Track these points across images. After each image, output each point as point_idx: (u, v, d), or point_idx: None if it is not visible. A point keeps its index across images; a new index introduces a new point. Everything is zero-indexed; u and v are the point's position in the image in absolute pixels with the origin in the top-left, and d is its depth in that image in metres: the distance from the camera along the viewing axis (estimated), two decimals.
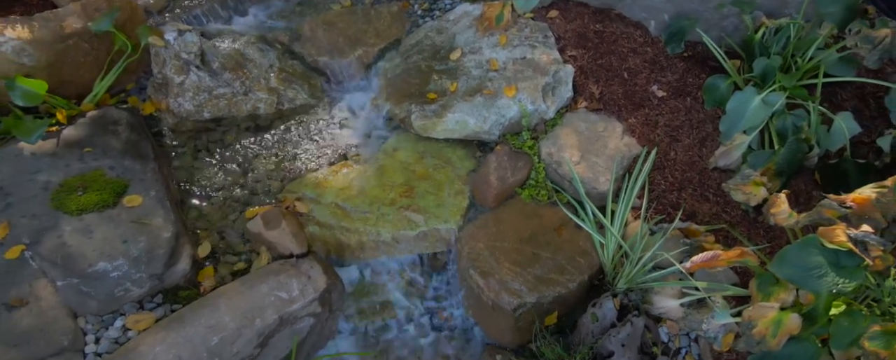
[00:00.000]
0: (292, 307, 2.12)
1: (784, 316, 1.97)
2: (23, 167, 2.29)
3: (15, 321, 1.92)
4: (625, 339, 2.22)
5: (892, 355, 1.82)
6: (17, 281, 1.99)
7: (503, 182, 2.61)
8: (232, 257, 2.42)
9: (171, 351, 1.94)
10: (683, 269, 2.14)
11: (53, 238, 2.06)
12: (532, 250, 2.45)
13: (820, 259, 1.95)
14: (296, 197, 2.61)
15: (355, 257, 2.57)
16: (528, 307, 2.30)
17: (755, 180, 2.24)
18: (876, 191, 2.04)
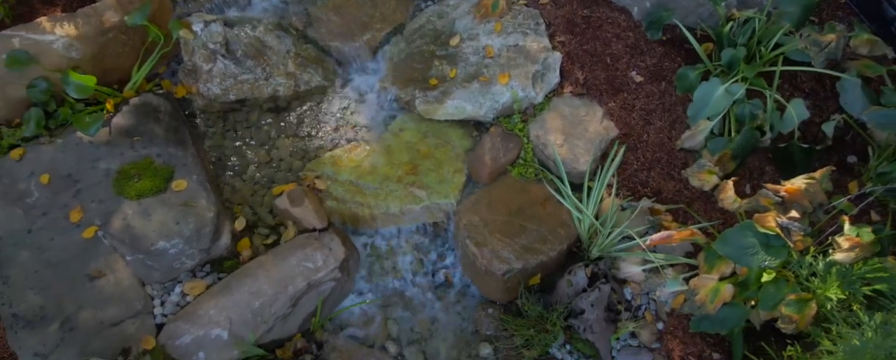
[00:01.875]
0: (318, 274, 2.58)
1: (721, 286, 2.41)
2: (85, 156, 2.69)
3: (98, 290, 2.39)
4: (594, 300, 2.68)
5: (802, 319, 2.27)
6: (94, 256, 2.45)
7: (496, 162, 2.99)
8: (264, 230, 2.86)
9: (223, 313, 2.41)
10: (643, 246, 2.57)
11: (120, 220, 2.50)
12: (520, 223, 2.86)
13: (753, 241, 2.35)
14: (315, 175, 3.02)
15: (368, 227, 3.00)
16: (515, 272, 2.74)
17: (708, 169, 2.62)
18: (805, 182, 2.43)
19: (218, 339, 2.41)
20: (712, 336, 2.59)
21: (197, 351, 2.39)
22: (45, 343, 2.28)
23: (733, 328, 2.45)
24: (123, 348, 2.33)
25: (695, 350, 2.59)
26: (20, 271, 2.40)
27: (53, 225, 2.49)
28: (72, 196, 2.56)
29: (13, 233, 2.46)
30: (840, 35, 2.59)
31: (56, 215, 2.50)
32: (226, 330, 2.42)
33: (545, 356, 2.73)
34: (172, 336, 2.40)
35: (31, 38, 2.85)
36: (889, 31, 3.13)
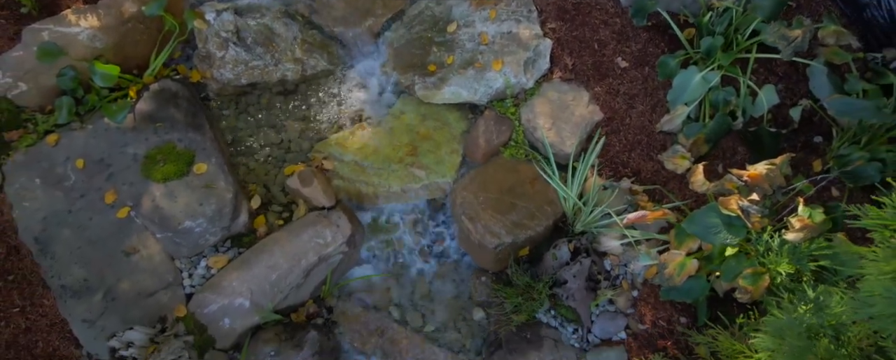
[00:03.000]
0: (327, 249, 2.88)
1: (687, 261, 2.70)
2: (114, 141, 2.95)
3: (133, 264, 2.70)
4: (576, 272, 2.98)
5: (757, 290, 2.57)
6: (128, 234, 2.75)
7: (489, 143, 3.25)
8: (277, 207, 3.15)
9: (244, 284, 2.73)
10: (621, 224, 2.85)
11: (149, 202, 2.79)
12: (510, 200, 3.14)
13: (717, 221, 2.64)
14: (323, 156, 3.28)
15: (372, 204, 3.28)
16: (505, 246, 3.03)
17: (681, 154, 2.87)
18: (766, 167, 2.69)
19: (241, 307, 2.73)
20: (680, 303, 2.89)
21: (223, 318, 2.72)
22: (91, 311, 2.61)
23: (697, 297, 2.76)
24: (160, 316, 2.65)
25: (664, 315, 2.90)
26: (64, 248, 2.70)
27: (91, 206, 2.78)
28: (105, 179, 2.84)
29: (56, 213, 2.75)
30: (806, 30, 2.79)
31: (92, 197, 2.79)
32: (247, 299, 2.74)
33: (532, 320, 3.05)
34: (201, 305, 2.72)
35: (58, 30, 3.08)
36: (862, 17, 3.31)
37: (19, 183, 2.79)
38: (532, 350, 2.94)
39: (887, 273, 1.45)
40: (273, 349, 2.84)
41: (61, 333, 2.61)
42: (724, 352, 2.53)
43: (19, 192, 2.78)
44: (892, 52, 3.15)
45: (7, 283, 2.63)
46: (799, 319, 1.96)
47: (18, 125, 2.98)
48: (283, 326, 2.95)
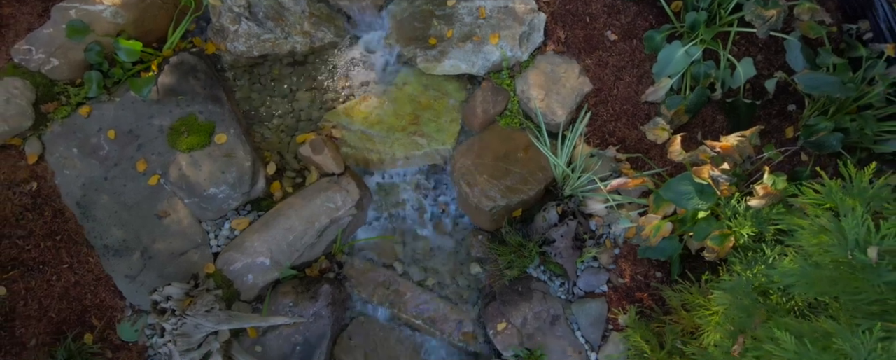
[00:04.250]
0: (338, 213, 3.18)
1: (662, 224, 2.99)
2: (141, 114, 3.22)
3: (165, 226, 3.02)
4: (564, 232, 3.28)
5: (722, 249, 2.86)
6: (159, 199, 3.05)
7: (486, 113, 3.50)
8: (291, 173, 3.44)
9: (264, 245, 3.05)
10: (605, 189, 3.14)
11: (176, 170, 3.08)
12: (505, 166, 3.42)
13: (690, 188, 2.91)
14: (332, 125, 3.55)
15: (377, 169, 3.57)
16: (500, 208, 3.33)
17: (661, 126, 3.13)
18: (737, 139, 2.94)
19: (262, 264, 3.06)
20: (656, 260, 3.21)
21: (246, 274, 3.05)
22: (131, 268, 2.95)
23: (670, 255, 3.07)
24: (192, 273, 2.99)
25: (642, 271, 3.22)
26: (104, 212, 3.02)
27: (124, 174, 3.08)
28: (135, 149, 3.12)
29: (93, 180, 3.05)
30: (780, 10, 2.99)
31: (125, 166, 3.08)
32: (268, 258, 3.07)
33: (524, 275, 3.38)
34: (227, 263, 3.06)
35: (84, 8, 3.29)
36: None
37: (59, 152, 3.08)
38: (523, 302, 3.28)
39: (814, 244, 1.73)
40: (291, 300, 3.19)
41: (106, 286, 2.95)
42: (690, 305, 2.85)
43: (59, 160, 3.08)
44: (866, 23, 3.35)
45: (55, 242, 2.95)
46: (749, 279, 2.26)
47: (53, 98, 3.24)
48: (300, 280, 3.29)
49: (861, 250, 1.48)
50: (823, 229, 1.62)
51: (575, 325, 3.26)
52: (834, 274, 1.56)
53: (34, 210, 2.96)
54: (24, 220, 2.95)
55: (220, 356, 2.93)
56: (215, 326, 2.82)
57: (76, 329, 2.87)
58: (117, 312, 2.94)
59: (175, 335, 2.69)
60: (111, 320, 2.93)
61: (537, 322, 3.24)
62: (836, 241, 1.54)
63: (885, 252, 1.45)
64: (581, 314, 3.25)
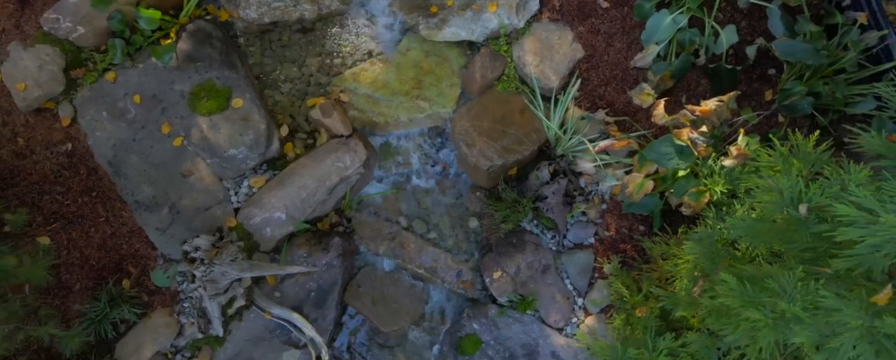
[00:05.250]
0: (347, 172, 3.46)
1: (645, 182, 3.26)
2: (163, 79, 3.47)
3: (190, 184, 3.31)
4: (555, 190, 3.56)
5: (698, 205, 3.14)
6: (183, 160, 3.33)
7: (484, 78, 3.73)
8: (302, 135, 3.71)
9: (281, 201, 3.34)
10: (593, 150, 3.40)
11: (198, 133, 3.35)
12: (502, 128, 3.67)
13: (671, 149, 3.17)
14: (340, 90, 3.79)
15: (383, 131, 3.83)
16: (496, 167, 3.59)
17: (646, 91, 3.36)
18: (715, 103, 3.18)
19: (278, 219, 3.37)
20: (639, 215, 3.49)
21: (265, 227, 3.36)
22: (161, 221, 3.25)
23: (652, 210, 3.35)
24: (217, 227, 3.30)
25: (626, 225, 3.52)
26: (134, 170, 3.31)
27: (151, 136, 3.35)
28: (160, 113, 3.38)
29: (123, 142, 3.33)
30: None
31: (151, 128, 3.35)
32: (283, 213, 3.37)
33: (518, 228, 3.68)
34: (247, 218, 3.36)
35: None
36: None
37: (90, 115, 3.35)
38: (517, 253, 3.59)
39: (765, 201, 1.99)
40: (305, 251, 3.51)
41: (140, 238, 3.26)
42: (667, 255, 3.15)
43: (90, 123, 3.34)
44: None
45: (91, 198, 3.25)
46: (716, 231, 2.55)
47: (81, 64, 3.48)
48: (312, 233, 3.60)
49: (794, 206, 1.75)
50: (770, 188, 1.89)
51: (564, 274, 3.57)
52: (775, 227, 1.83)
53: (70, 169, 3.24)
54: (61, 177, 3.24)
55: (244, 300, 3.27)
56: (239, 273, 3.14)
57: (115, 276, 3.20)
58: (151, 261, 3.26)
59: (204, 281, 3.02)
60: (145, 268, 3.25)
61: (530, 271, 3.56)
62: (777, 198, 1.80)
63: (813, 208, 1.72)
64: (570, 264, 3.55)
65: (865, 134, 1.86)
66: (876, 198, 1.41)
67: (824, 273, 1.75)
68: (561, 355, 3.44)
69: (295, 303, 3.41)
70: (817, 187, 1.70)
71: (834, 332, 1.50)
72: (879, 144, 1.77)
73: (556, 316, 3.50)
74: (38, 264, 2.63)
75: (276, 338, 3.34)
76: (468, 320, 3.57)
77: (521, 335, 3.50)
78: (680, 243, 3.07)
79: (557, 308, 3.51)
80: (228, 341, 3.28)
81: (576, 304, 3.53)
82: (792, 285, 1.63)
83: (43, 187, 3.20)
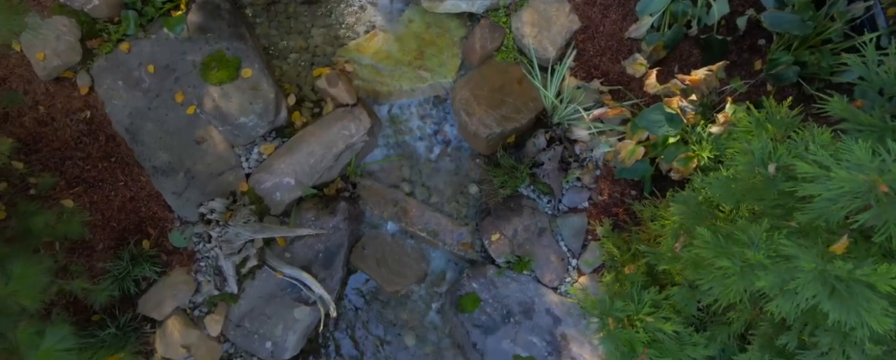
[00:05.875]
0: (352, 139, 3.63)
1: (636, 148, 3.42)
2: (175, 49, 3.61)
3: (204, 150, 3.48)
4: (551, 156, 3.73)
5: (686, 170, 3.30)
6: (197, 127, 3.50)
7: (484, 48, 3.86)
8: (309, 104, 3.86)
9: (290, 167, 3.52)
10: (588, 118, 3.55)
11: (210, 101, 3.50)
12: (500, 97, 3.82)
13: (661, 117, 3.32)
14: (345, 60, 3.93)
15: (386, 100, 3.98)
16: (495, 135, 3.75)
17: (639, 61, 3.50)
18: (705, 73, 3.33)
19: (288, 184, 3.55)
20: (630, 180, 3.66)
21: (275, 192, 3.54)
22: (177, 186, 3.44)
23: (643, 175, 3.52)
24: (230, 191, 3.48)
25: (618, 189, 3.69)
26: (150, 137, 3.48)
27: (165, 104, 3.51)
28: (173, 82, 3.53)
29: (139, 110, 3.49)
30: None
31: (165, 97, 3.51)
32: (292, 178, 3.55)
33: (515, 193, 3.86)
34: (258, 183, 3.54)
35: None
36: None
37: (106, 84, 3.50)
38: (515, 216, 3.77)
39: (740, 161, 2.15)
40: (313, 215, 3.70)
41: (157, 201, 3.45)
42: (656, 216, 3.33)
43: (107, 92, 3.50)
44: None
45: (111, 163, 3.43)
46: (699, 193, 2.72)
47: (96, 35, 3.62)
48: (319, 198, 3.78)
49: (764, 165, 1.91)
50: (745, 150, 2.05)
51: (559, 236, 3.76)
52: (747, 185, 2.00)
53: (90, 135, 3.41)
54: (82, 144, 3.42)
55: (256, 260, 3.47)
56: (252, 234, 3.33)
57: (136, 236, 3.40)
58: (168, 223, 3.46)
59: (220, 242, 3.21)
60: (163, 229, 3.44)
61: (526, 234, 3.75)
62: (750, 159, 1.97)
63: (780, 167, 1.88)
64: (564, 227, 3.74)
65: (830, 99, 2.01)
66: (832, 156, 1.58)
67: (791, 227, 1.92)
68: (555, 312, 3.65)
69: (304, 263, 3.61)
70: (784, 147, 1.86)
71: (793, 277, 1.68)
72: (842, 108, 1.93)
73: (551, 276, 3.70)
74: (73, 219, 2.82)
75: (287, 296, 3.55)
76: (468, 280, 3.77)
77: (517, 294, 3.71)
78: (668, 205, 3.24)
79: (552, 269, 3.70)
80: (243, 298, 3.49)
81: (570, 264, 3.73)
82: (759, 237, 1.80)
83: (64, 152, 3.37)
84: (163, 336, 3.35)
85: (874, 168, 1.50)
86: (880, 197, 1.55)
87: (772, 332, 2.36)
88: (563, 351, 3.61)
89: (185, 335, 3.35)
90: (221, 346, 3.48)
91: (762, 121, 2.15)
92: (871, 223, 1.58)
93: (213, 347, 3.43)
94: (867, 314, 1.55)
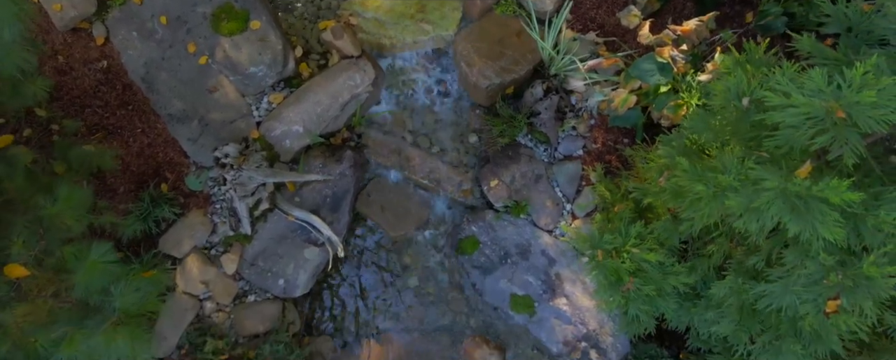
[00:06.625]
0: (357, 90, 3.79)
1: (629, 96, 3.59)
2: (186, 2, 3.74)
3: (216, 99, 3.65)
4: (548, 106, 3.89)
5: (676, 117, 3.47)
6: (209, 77, 3.66)
7: (484, 1, 3.99)
8: (315, 56, 4.01)
9: (298, 116, 3.70)
10: (583, 69, 3.70)
11: (221, 52, 3.66)
12: (500, 49, 3.96)
13: (653, 66, 3.48)
14: (349, 13, 4.06)
15: (390, 52, 4.12)
16: (494, 86, 3.91)
17: (633, 13, 3.63)
18: (696, 23, 3.47)
19: (296, 132, 3.73)
20: (623, 128, 3.83)
21: (284, 139, 3.73)
22: (192, 133, 3.62)
23: (635, 123, 3.69)
24: (242, 137, 3.66)
25: (611, 138, 3.87)
26: (164, 86, 3.64)
27: (178, 55, 3.66)
28: (185, 34, 3.68)
29: (153, 60, 3.65)
30: None
31: (178, 48, 3.66)
32: (301, 126, 3.73)
33: (513, 142, 4.03)
34: (268, 130, 3.72)
35: None
36: None
37: (121, 35, 3.65)
38: (512, 163, 3.96)
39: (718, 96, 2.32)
40: (320, 162, 3.89)
41: (174, 147, 3.64)
42: (647, 160, 3.51)
43: (122, 42, 3.65)
44: None
45: (128, 111, 3.61)
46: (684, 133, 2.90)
47: None
48: (326, 147, 3.97)
49: (739, 99, 2.08)
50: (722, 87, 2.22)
51: (555, 182, 3.95)
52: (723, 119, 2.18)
53: (107, 84, 3.58)
54: (100, 92, 3.59)
55: (268, 203, 3.68)
56: (264, 178, 3.53)
57: (154, 180, 3.59)
58: (184, 168, 3.65)
59: (234, 184, 3.41)
60: (180, 174, 3.64)
61: (524, 180, 3.94)
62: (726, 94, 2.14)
63: (753, 101, 2.05)
64: (560, 174, 3.93)
65: (798, 37, 2.17)
66: (794, 84, 1.75)
67: (761, 156, 2.11)
68: (550, 253, 3.87)
69: (312, 207, 3.81)
70: (757, 81, 2.03)
71: (759, 196, 1.87)
72: (810, 45, 2.09)
73: (546, 219, 3.91)
74: (105, 153, 3.01)
75: (298, 237, 3.76)
76: (467, 224, 3.98)
77: (514, 237, 3.92)
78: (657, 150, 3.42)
79: (548, 213, 3.91)
80: (256, 239, 3.71)
81: (564, 209, 3.93)
82: (731, 163, 1.99)
83: (84, 101, 3.55)
84: (183, 273, 3.58)
85: (830, 93, 1.67)
86: (837, 121, 1.73)
87: (745, 260, 2.57)
88: (556, 289, 3.84)
89: (203, 272, 3.58)
90: (237, 283, 3.71)
91: (741, 61, 2.31)
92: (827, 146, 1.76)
93: (229, 284, 3.67)
94: (822, 226, 1.75)
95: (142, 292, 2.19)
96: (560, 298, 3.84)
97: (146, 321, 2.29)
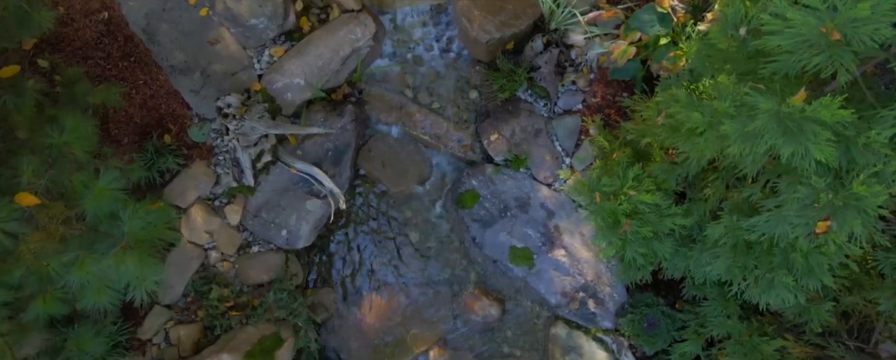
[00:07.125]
0: (358, 43, 3.81)
1: (628, 48, 3.61)
2: None
3: (217, 51, 3.67)
4: (547, 60, 3.91)
5: (675, 68, 3.50)
6: (210, 29, 3.68)
7: None
8: (316, 10, 4.02)
9: (299, 69, 3.72)
10: (583, 22, 3.71)
11: (221, 3, 3.67)
12: (500, 4, 3.96)
13: (653, 16, 3.50)
14: None
15: (390, 7, 4.13)
16: (495, 40, 3.92)
17: None
18: None
19: (298, 85, 3.76)
20: (622, 82, 3.85)
21: (286, 92, 3.76)
22: (194, 84, 3.65)
23: (634, 75, 3.72)
24: (244, 89, 3.69)
25: (611, 91, 3.89)
26: (166, 38, 3.66)
27: (179, 6, 3.68)
28: None
29: (154, 11, 3.66)
30: None
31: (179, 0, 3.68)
32: (302, 79, 3.75)
33: (513, 97, 4.06)
34: (270, 83, 3.75)
35: None
36: None
37: None
38: (512, 118, 3.99)
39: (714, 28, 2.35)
40: (322, 116, 3.92)
41: (176, 99, 3.67)
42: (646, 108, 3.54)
43: None
44: None
45: (130, 63, 3.63)
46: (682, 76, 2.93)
47: None
48: (328, 101, 4.00)
49: (736, 29, 2.11)
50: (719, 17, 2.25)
51: (554, 136, 3.99)
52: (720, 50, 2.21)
53: (109, 36, 3.60)
54: (101, 44, 3.61)
55: (270, 156, 3.72)
56: (266, 129, 3.56)
57: (157, 131, 3.63)
58: (187, 119, 3.69)
59: (237, 134, 3.45)
60: (183, 125, 3.67)
61: (523, 134, 3.98)
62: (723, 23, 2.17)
63: (750, 30, 2.08)
64: (559, 128, 3.96)
65: None
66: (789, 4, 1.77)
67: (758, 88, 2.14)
68: (548, 205, 3.92)
69: (315, 160, 3.86)
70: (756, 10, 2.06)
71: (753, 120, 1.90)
72: None
73: (545, 173, 3.95)
74: (110, 90, 3.03)
75: (300, 189, 3.81)
76: (468, 178, 4.03)
77: (514, 190, 3.97)
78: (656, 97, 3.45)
79: (547, 166, 3.95)
80: (259, 190, 3.75)
81: (563, 162, 3.97)
82: (726, 89, 2.02)
83: (86, 52, 3.57)
84: (187, 222, 3.63)
85: (825, 10, 1.70)
86: (831, 43, 1.76)
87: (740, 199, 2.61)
88: (555, 241, 3.90)
89: (207, 222, 3.63)
90: (241, 234, 3.77)
91: None
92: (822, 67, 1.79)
93: (233, 234, 3.72)
94: (814, 146, 1.79)
95: (150, 219, 2.23)
96: (559, 249, 3.90)
97: (155, 248, 2.34)
